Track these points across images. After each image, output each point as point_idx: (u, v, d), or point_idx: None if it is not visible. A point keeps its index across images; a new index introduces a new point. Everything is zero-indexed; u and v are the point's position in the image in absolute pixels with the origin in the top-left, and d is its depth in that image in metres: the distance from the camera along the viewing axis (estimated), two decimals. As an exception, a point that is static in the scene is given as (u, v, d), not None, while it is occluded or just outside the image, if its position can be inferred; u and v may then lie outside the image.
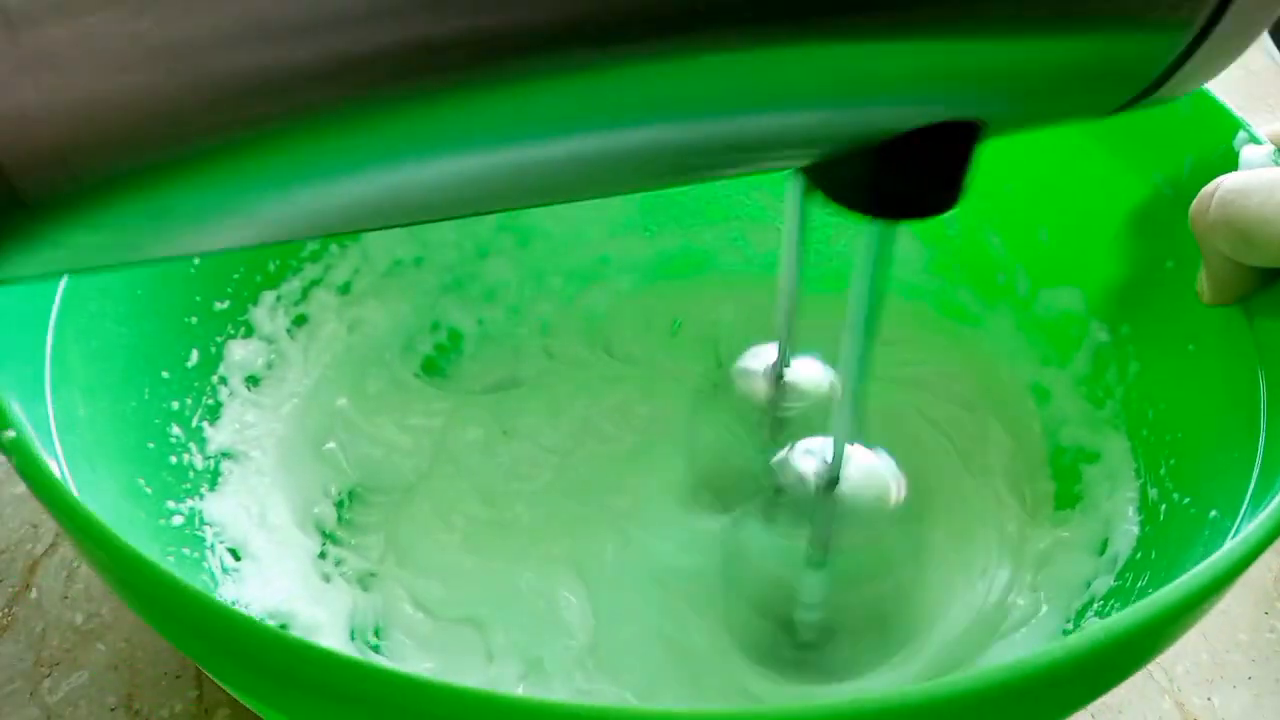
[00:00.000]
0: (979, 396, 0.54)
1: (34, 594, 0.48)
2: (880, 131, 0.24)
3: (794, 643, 0.43)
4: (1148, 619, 0.26)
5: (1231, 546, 0.28)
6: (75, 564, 0.49)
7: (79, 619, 0.47)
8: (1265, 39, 0.85)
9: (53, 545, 0.50)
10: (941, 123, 0.25)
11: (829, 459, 0.37)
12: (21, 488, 0.52)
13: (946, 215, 0.54)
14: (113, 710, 0.44)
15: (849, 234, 0.58)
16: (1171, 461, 0.42)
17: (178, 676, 0.45)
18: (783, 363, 0.42)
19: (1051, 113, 0.28)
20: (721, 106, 0.22)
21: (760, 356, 0.44)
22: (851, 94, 0.23)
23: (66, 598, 0.48)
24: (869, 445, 0.38)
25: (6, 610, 0.47)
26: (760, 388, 0.44)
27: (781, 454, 0.39)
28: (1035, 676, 0.25)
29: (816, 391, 0.42)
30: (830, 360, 0.44)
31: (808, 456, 0.38)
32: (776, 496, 0.39)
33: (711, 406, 0.47)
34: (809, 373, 0.43)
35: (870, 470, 0.38)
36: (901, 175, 0.26)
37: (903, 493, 0.38)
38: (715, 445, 0.47)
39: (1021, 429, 0.52)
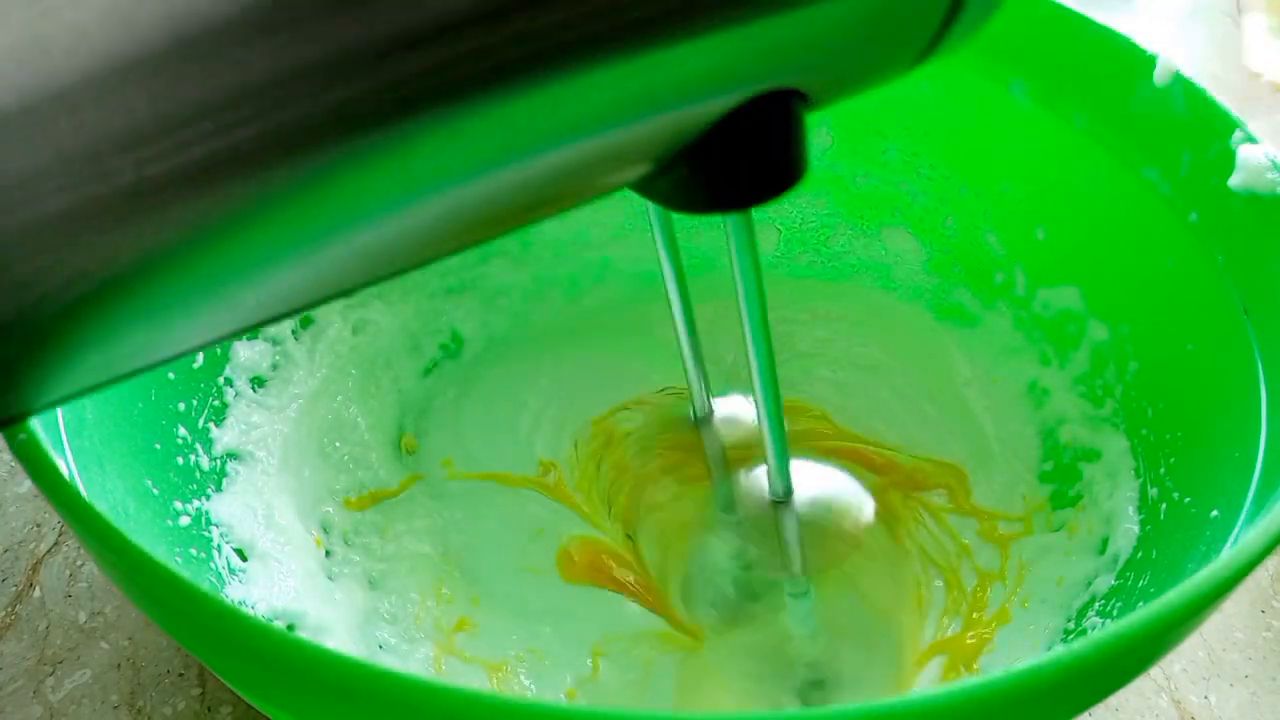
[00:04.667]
0: (976, 395, 0.54)
1: (37, 592, 0.48)
2: (706, 117, 0.24)
3: (796, 688, 0.42)
4: (1155, 621, 0.26)
5: (1239, 549, 0.28)
6: (78, 562, 0.49)
7: (82, 617, 0.47)
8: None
9: (56, 544, 0.50)
10: (758, 99, 0.24)
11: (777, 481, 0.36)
12: (25, 486, 0.52)
13: (944, 214, 0.55)
14: (115, 709, 0.44)
15: (846, 234, 0.58)
16: (1172, 460, 0.42)
17: (181, 675, 0.45)
18: (706, 404, 0.40)
19: (862, 70, 0.27)
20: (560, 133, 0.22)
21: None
22: (673, 91, 0.23)
23: (69, 596, 0.48)
24: (833, 465, 0.39)
25: (10, 609, 0.47)
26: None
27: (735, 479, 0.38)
28: (1041, 681, 0.25)
29: (746, 421, 0.40)
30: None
31: (758, 479, 0.37)
32: (737, 524, 0.38)
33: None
34: (734, 407, 0.41)
35: (831, 486, 0.38)
36: (735, 160, 0.25)
37: (868, 511, 0.38)
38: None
39: (1020, 428, 0.52)
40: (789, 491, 0.36)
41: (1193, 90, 0.43)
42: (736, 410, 0.40)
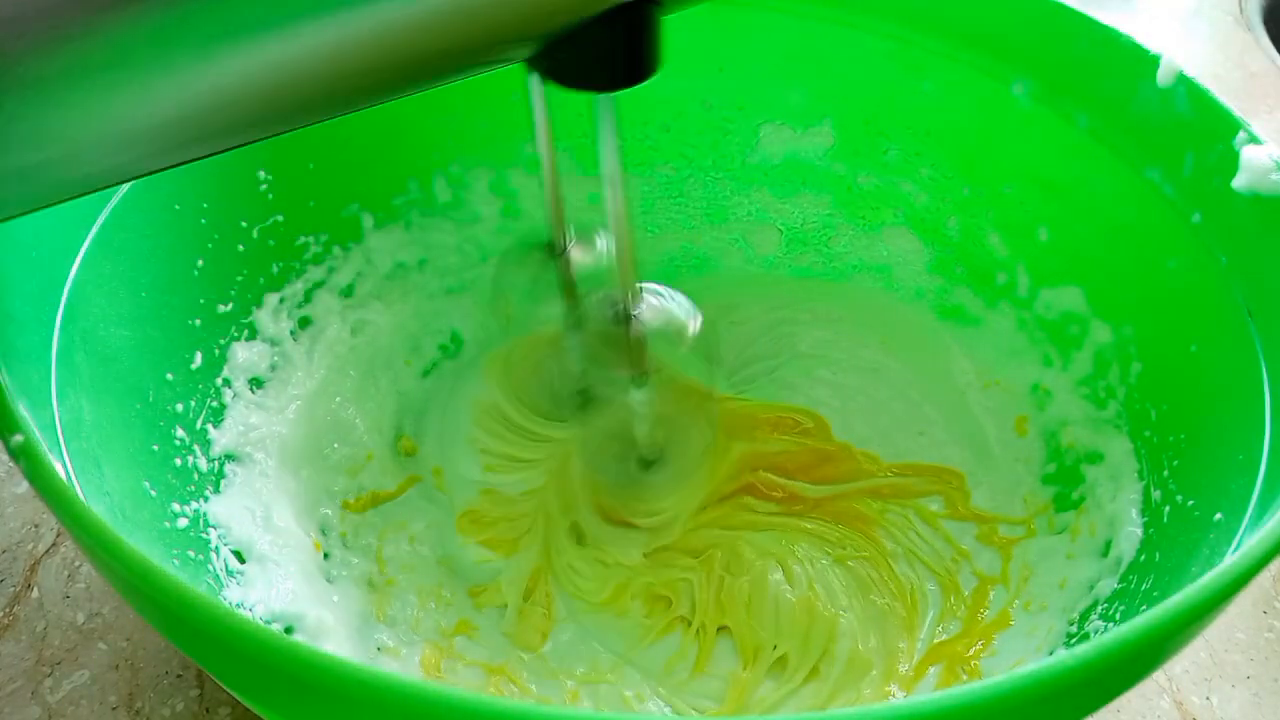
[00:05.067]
0: (978, 396, 0.54)
1: (35, 593, 0.48)
2: (576, 17, 0.30)
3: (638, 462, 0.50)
4: (1159, 626, 0.26)
5: (1243, 553, 0.28)
6: (76, 563, 0.49)
7: (80, 618, 0.47)
8: (1265, 40, 0.85)
9: (54, 545, 0.50)
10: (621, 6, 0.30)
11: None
12: (23, 487, 0.52)
13: (947, 215, 0.55)
14: (114, 709, 0.44)
15: (848, 235, 0.58)
16: (1175, 463, 0.42)
17: (179, 676, 0.45)
18: (563, 241, 0.47)
19: None
20: None
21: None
22: None
23: (68, 597, 0.48)
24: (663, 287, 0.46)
25: (8, 610, 0.47)
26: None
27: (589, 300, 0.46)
28: (1044, 686, 0.25)
29: (597, 257, 0.47)
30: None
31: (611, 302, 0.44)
32: (584, 340, 0.46)
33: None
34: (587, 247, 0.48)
35: (665, 306, 0.45)
36: (602, 52, 0.32)
37: (698, 325, 0.45)
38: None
39: (1023, 429, 0.52)
40: (634, 306, 0.44)
41: (1196, 91, 0.43)
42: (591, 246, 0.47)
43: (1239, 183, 0.41)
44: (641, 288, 0.44)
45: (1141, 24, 0.87)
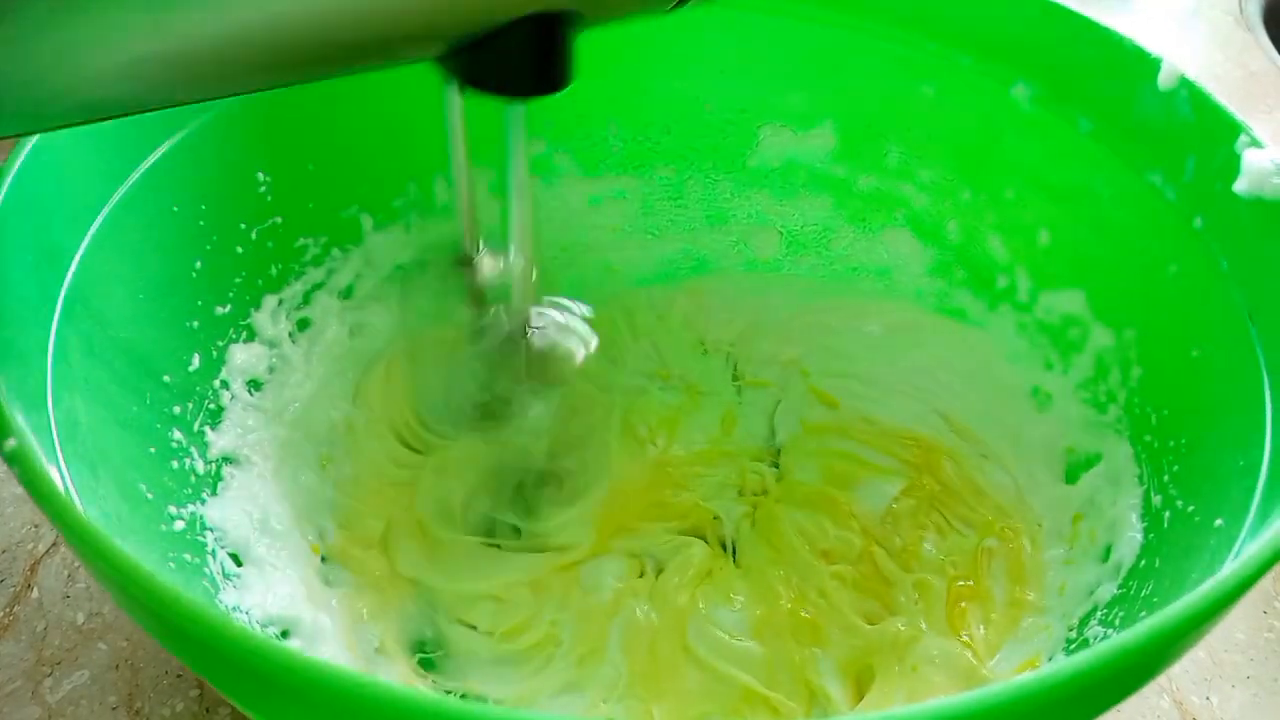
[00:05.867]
0: (980, 400, 0.54)
1: (35, 593, 0.48)
2: (482, 23, 0.30)
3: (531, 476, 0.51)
4: (1159, 634, 0.26)
5: (1243, 560, 0.28)
6: (76, 564, 0.49)
7: (80, 618, 0.47)
8: (1264, 40, 0.85)
9: (54, 545, 0.50)
10: (531, 16, 0.30)
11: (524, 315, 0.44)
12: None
13: (947, 218, 0.54)
14: (114, 709, 0.44)
15: (848, 237, 0.58)
16: (1175, 468, 0.42)
17: (179, 676, 0.45)
18: (473, 248, 0.45)
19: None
20: None
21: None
22: None
23: (68, 597, 0.48)
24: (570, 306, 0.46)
25: (8, 609, 0.47)
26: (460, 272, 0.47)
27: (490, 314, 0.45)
28: (1043, 695, 0.24)
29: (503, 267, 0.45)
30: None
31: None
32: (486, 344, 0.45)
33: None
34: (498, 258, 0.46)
35: (562, 326, 0.45)
36: (511, 60, 0.32)
37: (592, 347, 0.45)
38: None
39: (1023, 433, 0.52)
40: (526, 323, 0.44)
41: (1198, 94, 0.43)
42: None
43: (1240, 187, 0.41)
44: (543, 302, 0.45)
45: (1139, 24, 0.87)
